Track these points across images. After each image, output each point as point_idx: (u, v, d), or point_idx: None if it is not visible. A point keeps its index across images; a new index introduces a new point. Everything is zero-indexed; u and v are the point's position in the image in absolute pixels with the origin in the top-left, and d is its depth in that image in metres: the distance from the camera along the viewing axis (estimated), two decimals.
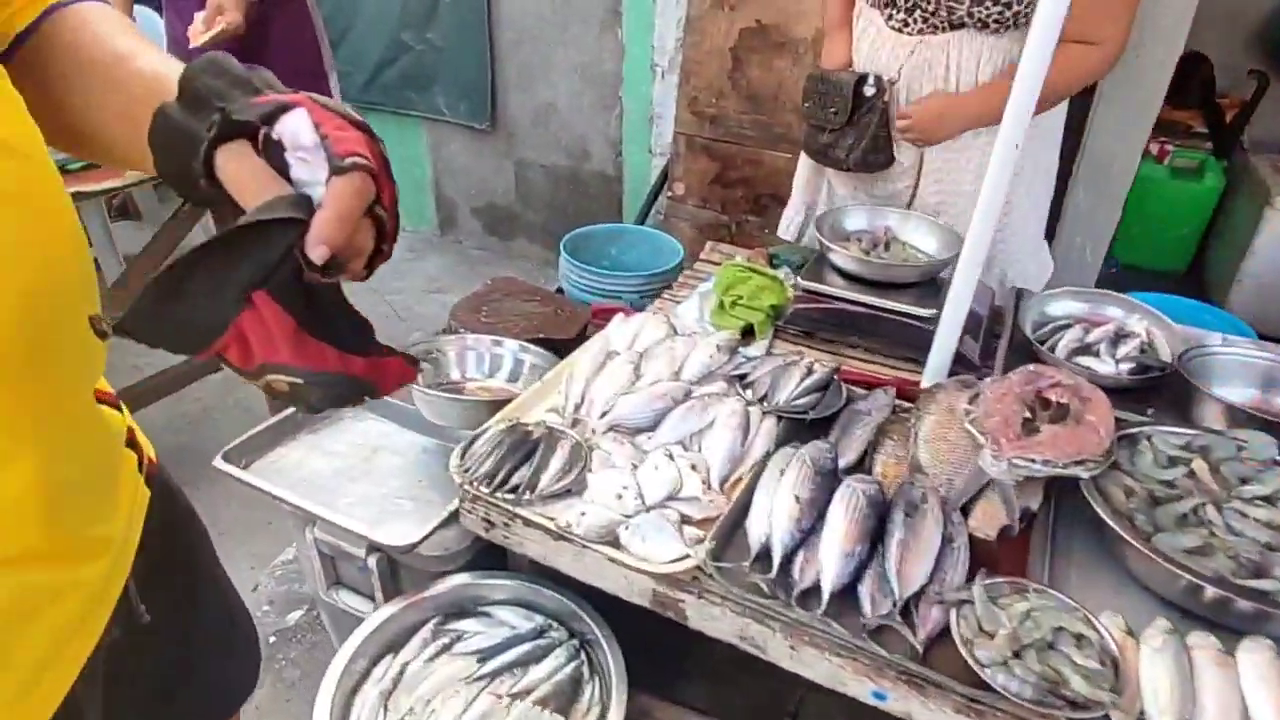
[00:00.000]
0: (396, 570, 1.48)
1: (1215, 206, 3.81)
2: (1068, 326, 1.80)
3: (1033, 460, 1.25)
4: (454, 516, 1.39)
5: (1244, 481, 1.27)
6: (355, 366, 0.66)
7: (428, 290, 3.93)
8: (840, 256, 1.79)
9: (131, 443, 0.83)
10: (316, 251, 0.58)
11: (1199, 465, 1.30)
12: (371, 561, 1.44)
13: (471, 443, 1.37)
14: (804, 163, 2.28)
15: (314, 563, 1.56)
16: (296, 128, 0.60)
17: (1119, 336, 1.75)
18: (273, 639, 1.99)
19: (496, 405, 1.53)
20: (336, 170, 0.59)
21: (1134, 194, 2.71)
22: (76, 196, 2.16)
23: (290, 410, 1.67)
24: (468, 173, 4.15)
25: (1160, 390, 1.62)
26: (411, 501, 1.50)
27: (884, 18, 1.94)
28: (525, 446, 1.34)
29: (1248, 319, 3.01)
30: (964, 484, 1.30)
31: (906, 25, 1.90)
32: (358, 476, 1.55)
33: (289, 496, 1.41)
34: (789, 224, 2.34)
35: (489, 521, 1.33)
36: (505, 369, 1.79)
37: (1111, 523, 1.19)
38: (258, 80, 0.63)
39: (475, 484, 1.28)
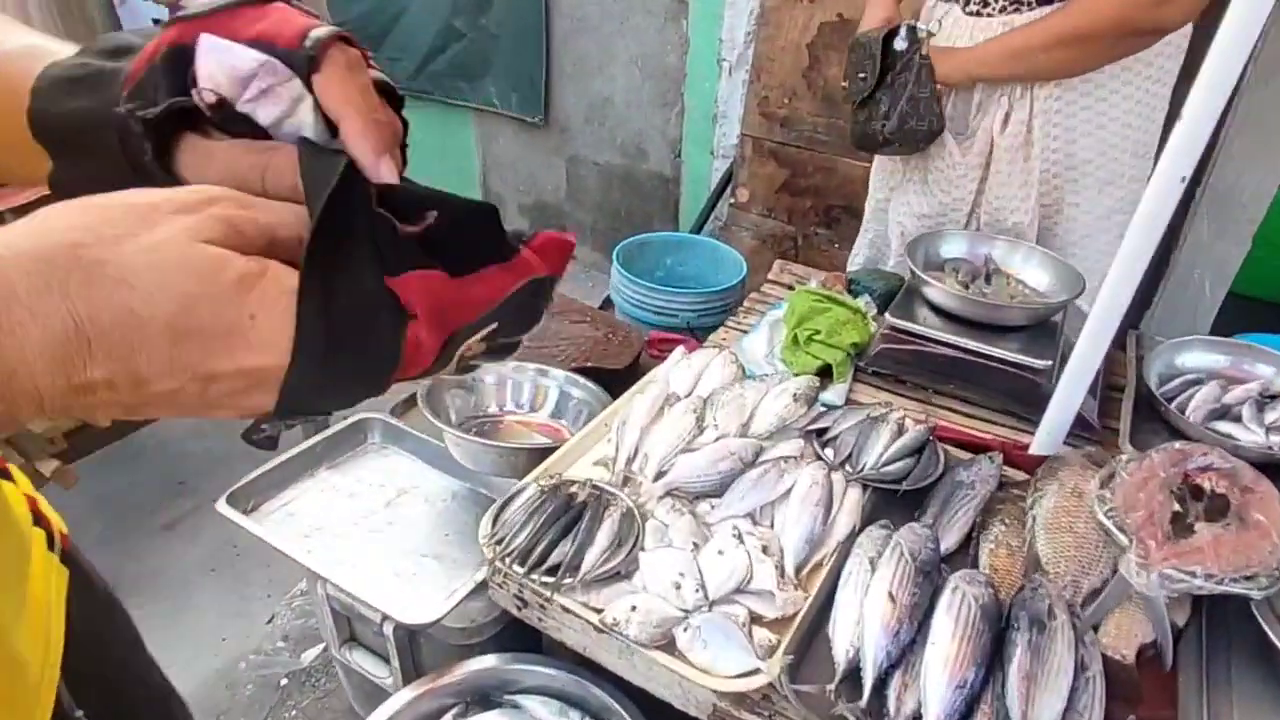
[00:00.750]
0: (416, 640, 1.30)
1: None
2: (1200, 382, 1.54)
3: (1192, 574, 1.01)
4: (483, 585, 1.20)
5: None
6: (521, 267, 0.49)
7: None
8: (936, 291, 1.55)
9: (37, 518, 0.68)
10: (384, 169, 0.43)
11: None
12: (388, 629, 1.26)
13: (505, 505, 1.18)
14: (874, 179, 2.02)
15: (326, 618, 1.39)
16: (217, 61, 0.42)
17: (1265, 398, 1.49)
18: (284, 681, 1.83)
19: (536, 453, 1.34)
20: (309, 63, 0.43)
21: None
22: None
23: (311, 442, 1.50)
24: (516, 168, 3.97)
25: None
26: (437, 561, 1.32)
27: (960, 2, 1.68)
28: (568, 514, 1.14)
29: None
30: (1103, 597, 1.06)
31: (986, 6, 1.64)
32: (379, 527, 1.37)
33: (296, 554, 1.24)
34: (856, 254, 2.09)
35: (521, 600, 1.14)
36: (550, 403, 1.60)
37: None
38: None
39: (507, 561, 1.09)
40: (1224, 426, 1.44)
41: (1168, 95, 1.68)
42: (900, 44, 1.68)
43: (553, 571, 1.08)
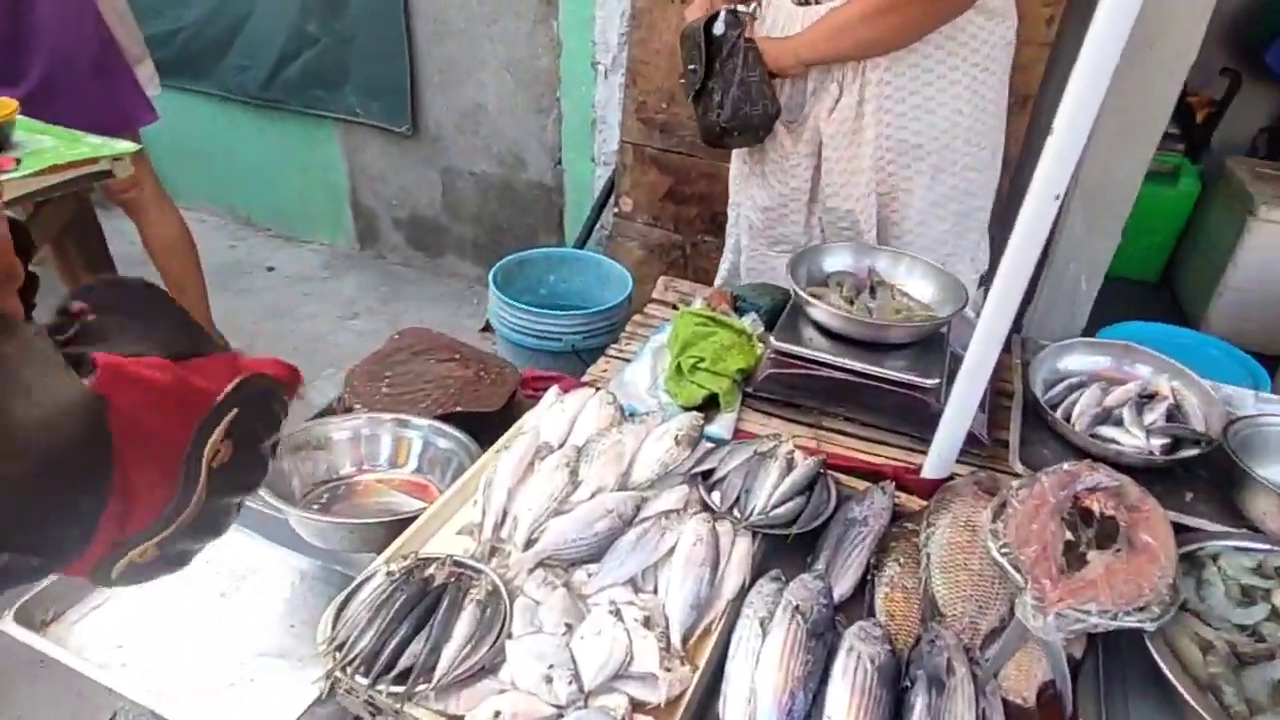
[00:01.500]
0: None
1: (1190, 213, 3.64)
2: (1082, 385, 1.54)
3: (1087, 612, 0.96)
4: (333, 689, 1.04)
5: None
6: (242, 364, 0.44)
7: (343, 316, 3.51)
8: (821, 311, 1.48)
9: None
10: None
11: None
12: None
13: (350, 597, 1.03)
14: (732, 183, 1.99)
15: None
16: None
17: (1143, 398, 1.50)
18: None
19: (395, 525, 1.19)
20: None
21: None
22: None
23: None
24: (387, 180, 3.73)
25: (1196, 469, 1.37)
26: (282, 659, 1.15)
27: None
28: (423, 602, 1.00)
29: (1226, 333, 2.84)
30: (1000, 643, 1.00)
31: None
32: (210, 625, 1.19)
33: (100, 675, 1.05)
34: (725, 271, 2.04)
35: (374, 707, 0.99)
36: (413, 457, 1.44)
37: (1196, 705, 0.91)
38: None
39: (350, 670, 0.94)
40: (1107, 431, 1.44)
41: (1000, 87, 1.70)
42: (720, 28, 1.64)
43: (403, 678, 0.93)
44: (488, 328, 2.52)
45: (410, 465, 1.44)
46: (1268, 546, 1.12)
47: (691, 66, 1.71)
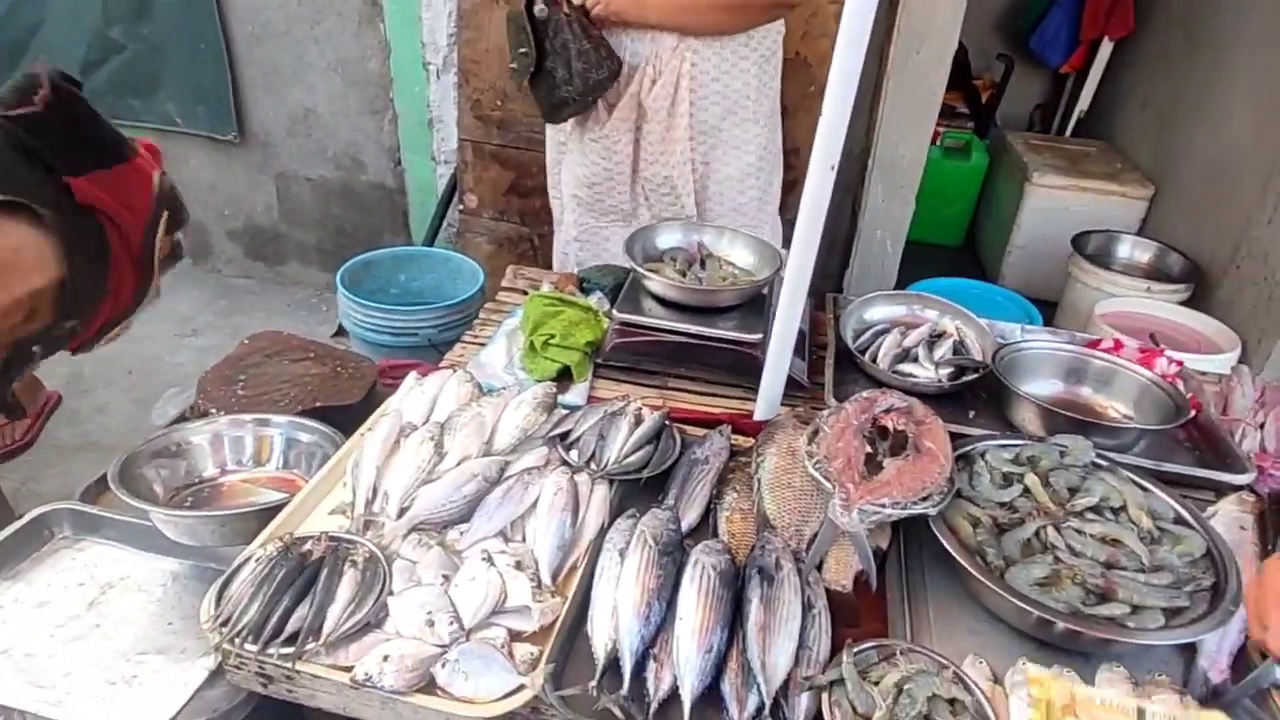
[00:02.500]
0: None
1: (982, 183, 4.13)
2: (886, 331, 1.78)
3: (882, 505, 1.16)
4: (219, 672, 1.08)
5: (1073, 492, 1.27)
6: (146, 161, 0.56)
7: (180, 334, 3.34)
8: (656, 283, 1.64)
9: None
10: None
11: (1031, 480, 1.29)
12: None
13: (229, 580, 1.07)
14: (549, 170, 2.13)
15: None
16: None
17: (933, 337, 1.76)
18: None
19: (264, 513, 1.23)
20: None
21: None
22: None
23: None
24: (217, 190, 3.58)
25: (978, 391, 1.64)
26: (162, 656, 1.16)
27: None
28: (303, 575, 1.06)
29: (1018, 286, 3.28)
30: (818, 541, 1.19)
31: None
32: (82, 633, 1.18)
33: None
34: (562, 256, 2.18)
35: (265, 677, 1.04)
36: (276, 454, 1.47)
37: (966, 564, 1.13)
38: None
39: (238, 641, 0.99)
40: (906, 367, 1.68)
41: (776, 78, 1.98)
42: (541, 8, 1.75)
43: (293, 640, 1.00)
44: (340, 333, 2.51)
45: (275, 462, 1.47)
46: (1022, 442, 1.38)
47: (522, 50, 1.80)
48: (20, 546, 1.31)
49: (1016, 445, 1.38)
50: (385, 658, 0.98)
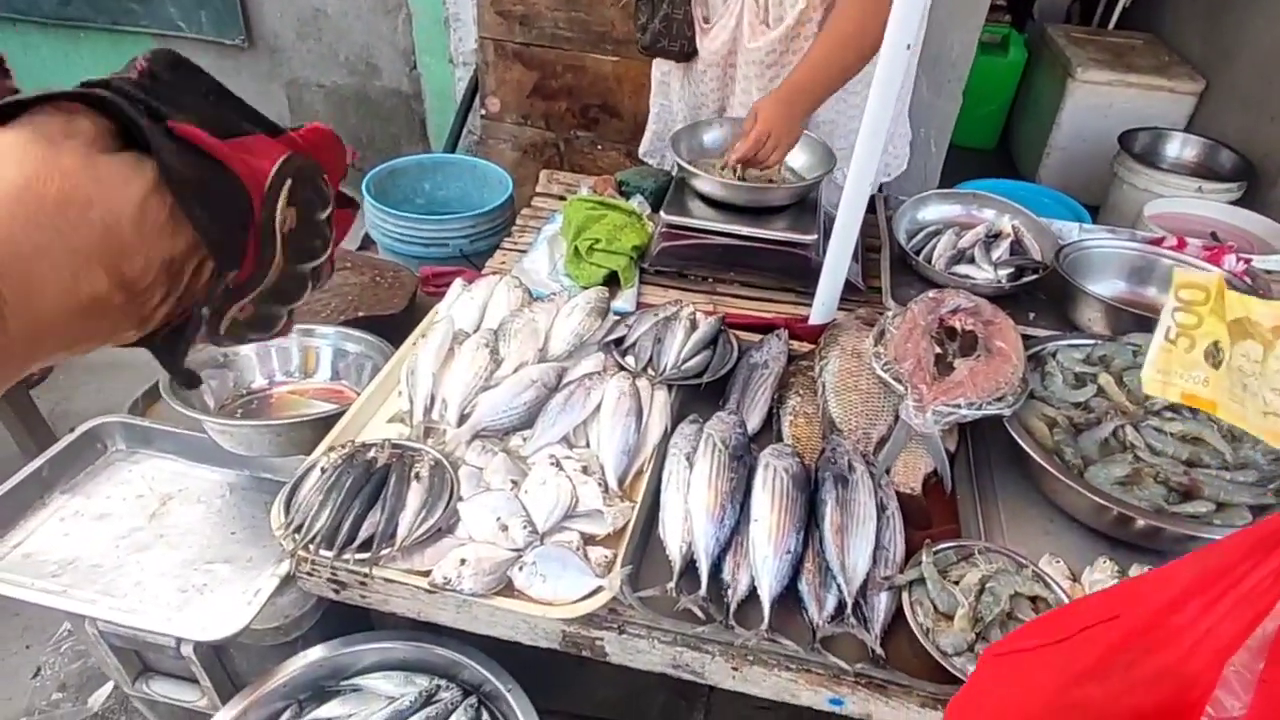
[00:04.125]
0: (226, 653, 1.15)
1: (1019, 80, 3.93)
2: (939, 232, 1.71)
3: (957, 405, 1.13)
4: (289, 579, 1.08)
5: None
6: (286, 141, 0.48)
7: None
8: (703, 181, 1.57)
9: None
10: None
11: (1105, 380, 1.25)
12: (187, 650, 1.11)
13: (296, 487, 1.05)
14: (655, 69, 2.00)
15: (108, 657, 1.20)
16: None
17: (990, 237, 1.69)
18: None
19: (320, 423, 1.20)
20: None
21: None
22: None
23: (34, 466, 1.25)
24: None
25: (1037, 291, 1.58)
26: (228, 565, 1.17)
27: None
28: (371, 481, 1.04)
29: (1059, 187, 3.15)
30: (889, 443, 1.16)
31: None
32: (147, 543, 1.18)
33: (44, 599, 1.04)
34: (647, 146, 2.07)
35: (338, 583, 1.04)
36: (324, 364, 1.44)
37: (1045, 464, 1.10)
38: None
39: (312, 548, 0.98)
40: (962, 269, 1.62)
41: None
42: None
43: (366, 546, 0.99)
44: (364, 245, 2.45)
45: (323, 373, 1.44)
46: (1092, 341, 1.33)
47: None
48: (74, 460, 1.30)
49: (1087, 345, 1.33)
50: (463, 561, 0.97)
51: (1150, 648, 0.58)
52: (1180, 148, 3.17)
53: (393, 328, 1.48)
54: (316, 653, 1.11)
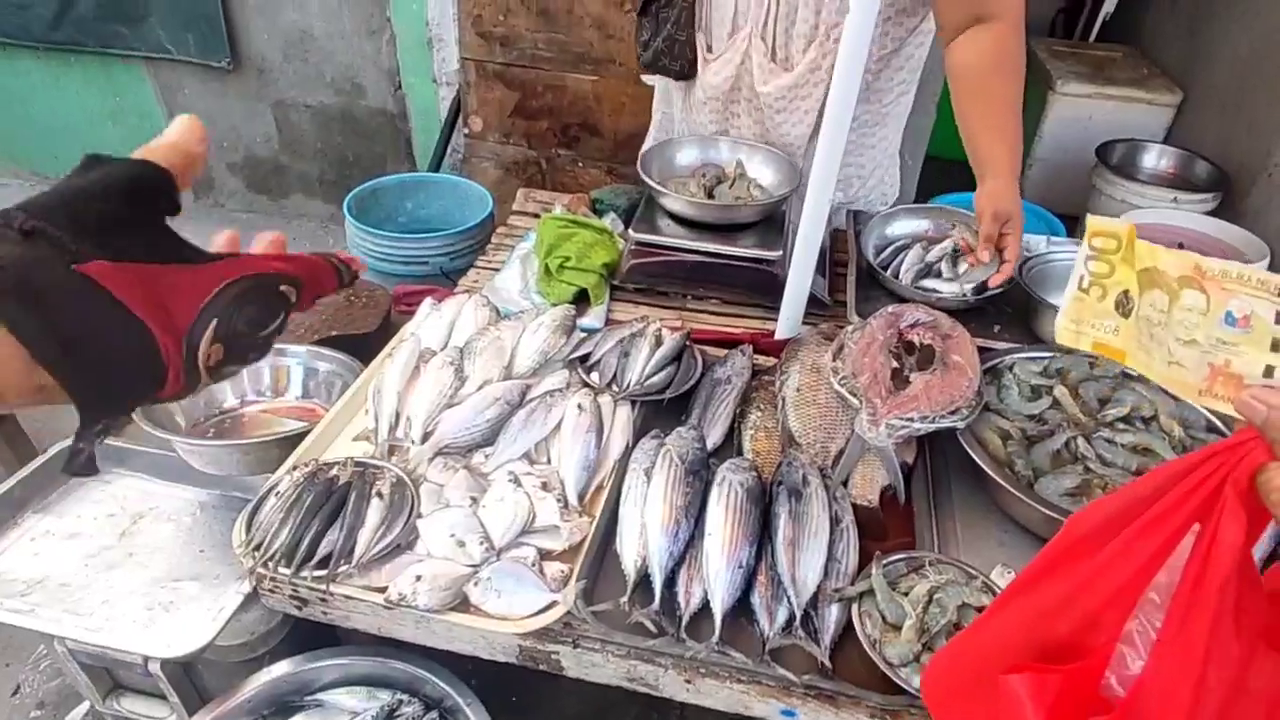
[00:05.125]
0: (194, 669, 1.17)
1: None
2: (908, 247, 1.73)
3: (910, 419, 1.15)
4: (253, 595, 1.10)
5: (1103, 403, 1.25)
6: (235, 264, 0.49)
7: None
8: (672, 200, 1.59)
9: None
10: None
11: (1060, 392, 1.27)
12: (154, 668, 1.12)
13: (259, 506, 1.07)
14: (657, 81, 2.01)
15: (78, 675, 1.21)
16: None
17: (957, 252, 1.71)
18: None
19: (287, 441, 1.22)
20: None
21: None
22: None
23: (6, 485, 1.27)
24: (214, 121, 3.48)
25: (1003, 304, 1.60)
26: (196, 582, 1.18)
27: None
28: (331, 500, 1.06)
29: (1037, 199, 3.18)
30: (845, 456, 1.18)
31: None
32: (116, 562, 1.20)
33: (13, 619, 1.05)
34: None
35: (300, 599, 1.06)
36: (295, 383, 1.46)
37: (995, 475, 1.12)
38: None
39: (271, 565, 1.00)
40: (929, 283, 1.64)
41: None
42: None
43: (325, 563, 1.00)
44: None
45: (294, 391, 1.46)
46: (1050, 354, 1.35)
47: None
48: (46, 480, 1.32)
49: (1045, 357, 1.35)
50: (418, 578, 0.98)
51: (1079, 586, 0.62)
52: (1157, 159, 3.21)
53: (366, 347, 1.50)
54: (281, 668, 1.13)
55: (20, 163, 3.86)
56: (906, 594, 1.02)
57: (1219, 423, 1.21)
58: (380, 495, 1.07)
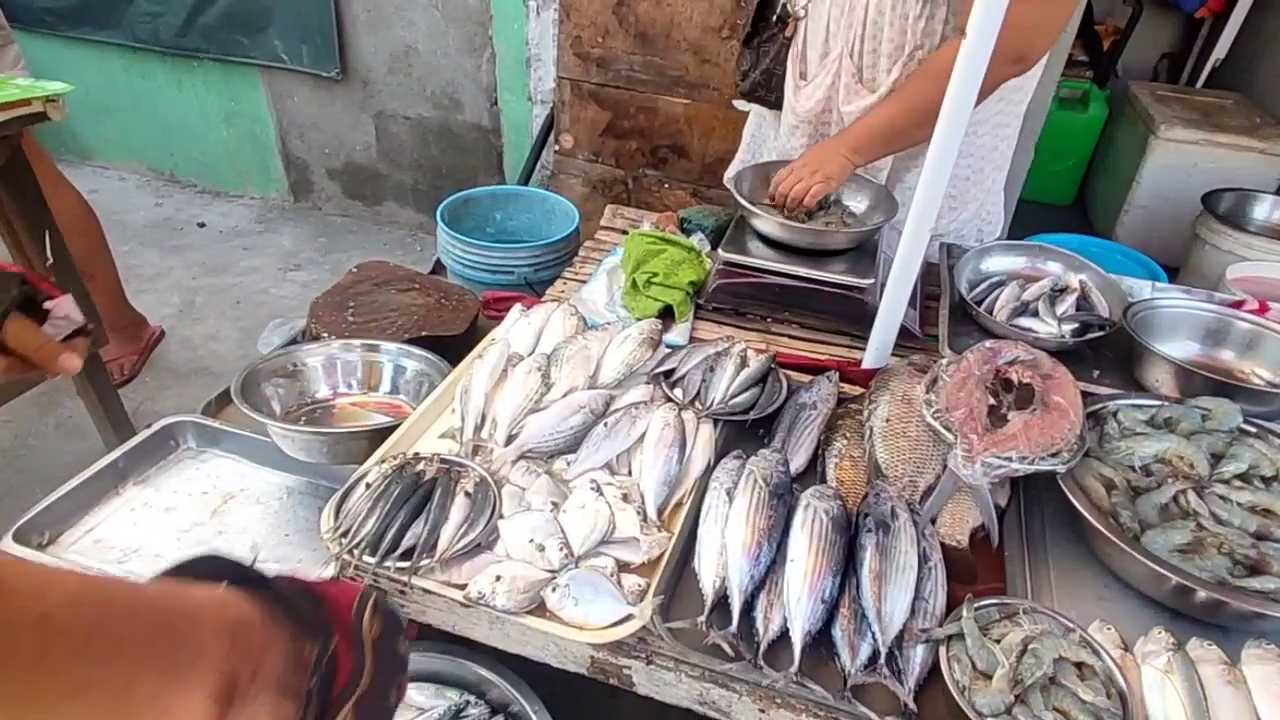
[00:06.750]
0: None
1: (1099, 136, 3.85)
2: (1003, 284, 1.68)
3: (1008, 459, 1.10)
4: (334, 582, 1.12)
5: (1217, 458, 1.18)
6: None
7: (284, 269, 3.46)
8: (763, 222, 1.58)
9: None
10: None
11: (1175, 441, 1.20)
12: None
13: (347, 494, 1.10)
14: (753, 109, 2.05)
15: None
16: None
17: (1055, 291, 1.65)
18: None
19: (376, 435, 1.25)
20: None
21: None
22: None
23: (112, 457, 1.33)
24: (319, 128, 3.65)
25: (1103, 349, 1.53)
26: (279, 565, 1.21)
27: None
28: (417, 494, 1.08)
29: (1138, 246, 3.06)
30: (935, 492, 1.14)
31: None
32: (207, 539, 1.24)
33: None
34: (730, 177, 2.11)
35: (378, 589, 1.07)
36: (385, 379, 1.50)
37: (1099, 525, 1.06)
38: None
39: (356, 553, 1.01)
40: (1025, 322, 1.59)
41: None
42: (777, 9, 1.71)
43: (408, 555, 1.01)
44: (435, 271, 2.55)
45: (384, 387, 1.50)
46: (1158, 402, 1.28)
47: (741, 22, 1.82)
48: (148, 454, 1.38)
49: (1153, 406, 1.28)
50: (498, 578, 0.99)
51: None
52: (1269, 210, 3.04)
53: (454, 348, 1.53)
54: None
55: (139, 159, 4.12)
56: (999, 641, 0.97)
57: None
58: (464, 493, 1.08)
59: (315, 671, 0.51)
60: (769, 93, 1.80)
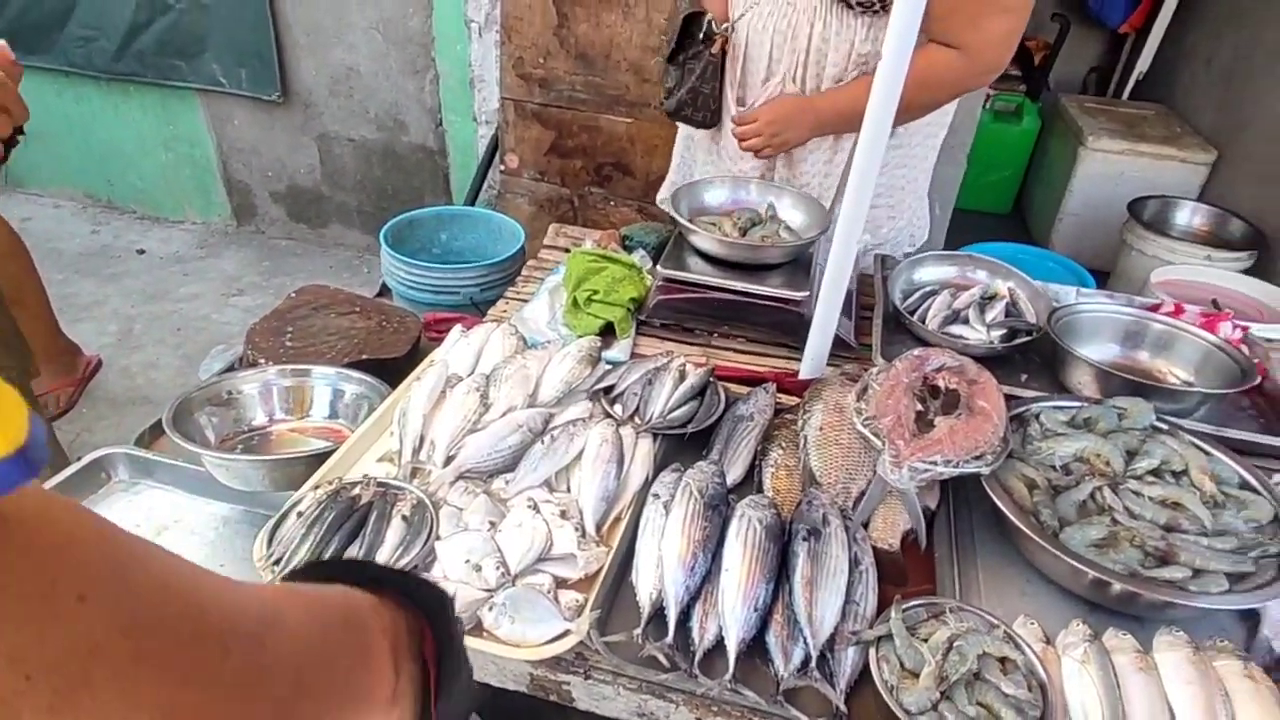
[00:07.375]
0: None
1: (1033, 147, 3.99)
2: (935, 293, 1.73)
3: (933, 462, 1.14)
4: None
5: (1132, 454, 1.23)
6: None
7: (227, 294, 3.40)
8: (701, 238, 1.61)
9: None
10: None
11: (1091, 441, 1.25)
12: None
13: (280, 521, 1.09)
14: (680, 130, 2.06)
15: None
16: None
17: (985, 299, 1.71)
18: None
19: (313, 459, 1.24)
20: None
21: None
22: None
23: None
24: (260, 151, 3.61)
25: (1030, 353, 1.59)
26: None
27: None
28: (352, 518, 1.07)
29: (1068, 254, 3.18)
30: (866, 498, 1.17)
31: None
32: None
33: None
34: (665, 194, 2.13)
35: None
36: (322, 404, 1.49)
37: (1020, 524, 1.10)
38: None
39: (289, 580, 1.00)
40: (956, 329, 1.64)
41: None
42: (701, 27, 1.72)
43: None
44: (382, 293, 2.53)
45: (322, 412, 1.49)
46: (1078, 403, 1.34)
47: (669, 39, 1.80)
48: (79, 488, 1.35)
49: (1072, 407, 1.34)
50: None
51: None
52: (1190, 216, 3.19)
53: (396, 371, 1.52)
54: None
55: (74, 186, 4.01)
56: (926, 640, 1.00)
57: (1252, 479, 1.18)
58: (402, 516, 1.08)
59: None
60: (696, 111, 1.80)
